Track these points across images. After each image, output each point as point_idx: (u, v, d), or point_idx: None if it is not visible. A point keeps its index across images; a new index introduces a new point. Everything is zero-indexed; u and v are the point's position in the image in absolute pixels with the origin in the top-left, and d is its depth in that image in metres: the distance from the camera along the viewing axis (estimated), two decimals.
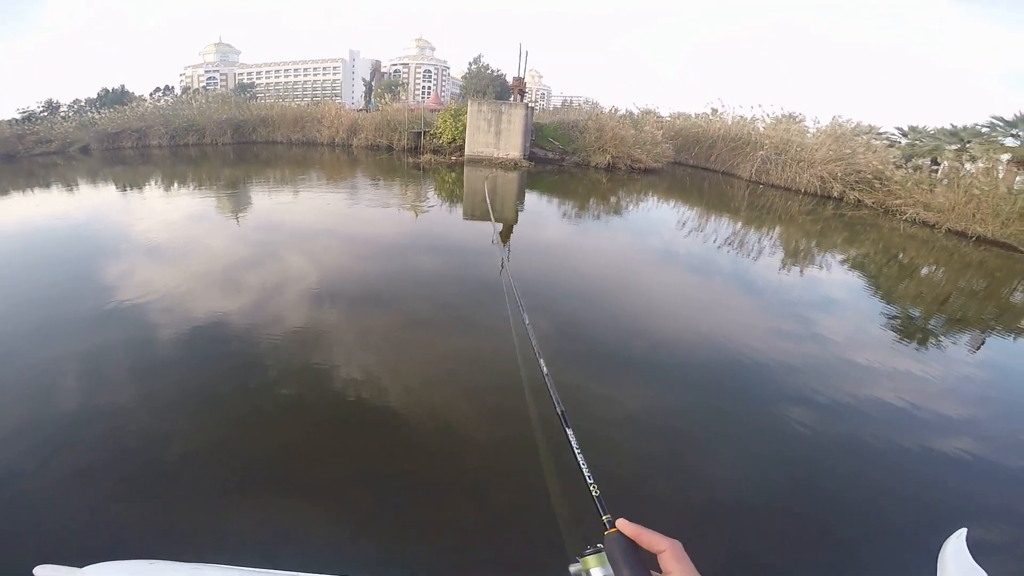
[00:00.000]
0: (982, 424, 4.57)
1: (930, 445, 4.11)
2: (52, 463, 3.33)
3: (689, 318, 6.68)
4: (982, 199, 12.37)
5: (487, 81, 38.49)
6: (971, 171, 14.42)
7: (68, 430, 3.65)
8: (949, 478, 3.77)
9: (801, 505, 3.42)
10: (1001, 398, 5.14)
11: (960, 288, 9.13)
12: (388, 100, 25.95)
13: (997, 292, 9.08)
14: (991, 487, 3.70)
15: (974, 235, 11.89)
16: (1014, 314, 7.97)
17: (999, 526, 3.30)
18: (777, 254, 10.34)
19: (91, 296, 5.95)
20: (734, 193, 17.25)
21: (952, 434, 4.31)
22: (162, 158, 18.40)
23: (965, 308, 8.09)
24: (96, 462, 3.36)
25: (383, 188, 13.70)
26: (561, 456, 3.80)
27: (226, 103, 25.13)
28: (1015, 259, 10.63)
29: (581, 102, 29.71)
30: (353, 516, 3.07)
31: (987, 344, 6.59)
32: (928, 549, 1.58)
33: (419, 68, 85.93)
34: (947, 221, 12.63)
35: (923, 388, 5.14)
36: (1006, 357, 6.31)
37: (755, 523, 3.25)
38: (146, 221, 9.44)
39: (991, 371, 5.75)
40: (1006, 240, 11.36)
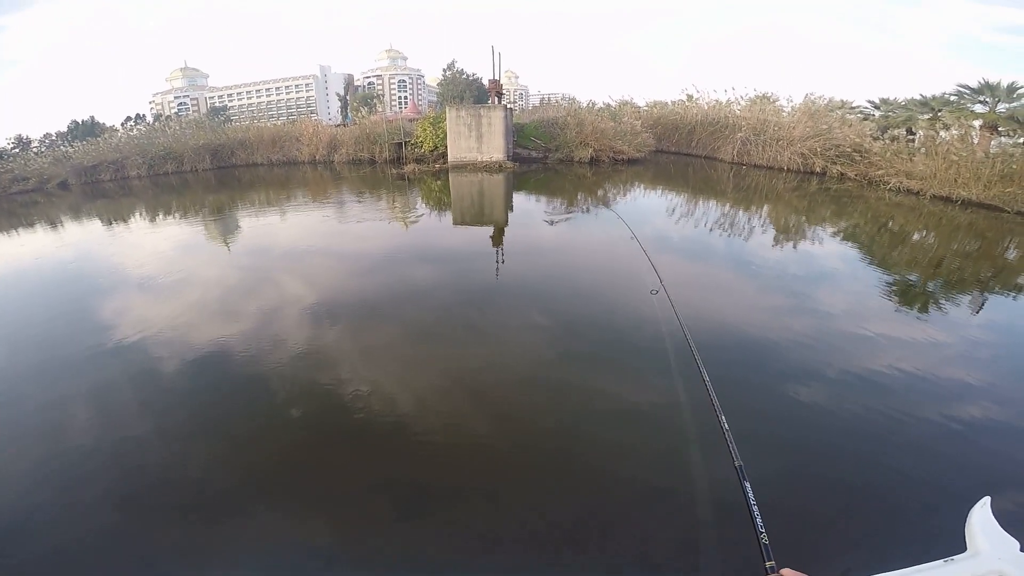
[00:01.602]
0: (997, 388, 4.55)
1: (948, 413, 4.10)
2: (75, 497, 3.32)
3: (688, 303, 6.70)
4: (961, 164, 12.60)
5: (463, 86, 38.43)
6: (946, 138, 14.68)
7: (86, 466, 3.63)
8: (969, 446, 3.73)
9: (820, 484, 3.40)
10: (1012, 358, 5.14)
11: (953, 251, 9.26)
12: (365, 113, 25.79)
13: (990, 252, 9.22)
14: (1013, 453, 3.65)
15: (959, 199, 12.09)
16: (1010, 272, 8.07)
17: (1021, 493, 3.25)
18: (769, 232, 10.43)
19: (91, 335, 5.85)
20: (719, 176, 17.40)
21: (968, 400, 4.30)
22: (143, 189, 18.15)
23: (961, 270, 8.19)
24: (118, 494, 3.35)
25: (370, 202, 13.61)
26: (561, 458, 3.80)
27: (201, 128, 24.80)
28: (1003, 219, 10.81)
29: (559, 98, 29.70)
30: (369, 529, 3.06)
31: (989, 304, 6.65)
32: (953, 520, 1.57)
33: (393, 79, 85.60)
34: (930, 188, 12.84)
35: (933, 354, 5.16)
36: (1009, 316, 6.35)
37: (776, 505, 3.24)
38: (136, 255, 9.29)
39: (997, 332, 5.78)
40: (991, 202, 11.56)
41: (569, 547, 2.91)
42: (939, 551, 1.69)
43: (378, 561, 2.83)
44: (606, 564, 2.86)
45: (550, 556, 2.85)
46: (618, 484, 3.44)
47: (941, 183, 12.71)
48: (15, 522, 3.17)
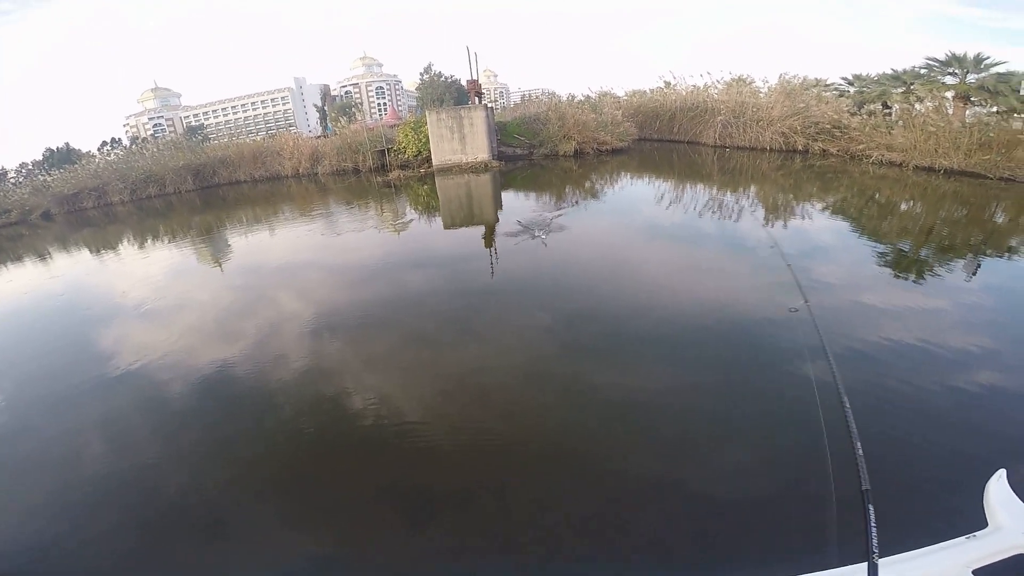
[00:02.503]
0: (1000, 354, 4.58)
1: (953, 383, 4.12)
2: (95, 526, 3.33)
3: (687, 288, 6.76)
4: (940, 135, 12.79)
5: (442, 88, 38.30)
6: (922, 110, 14.91)
7: (103, 494, 3.64)
8: (978, 416, 3.73)
9: (833, 462, 3.34)
10: (1012, 322, 5.20)
11: (942, 218, 9.41)
12: (345, 123, 25.66)
13: (978, 217, 9.37)
14: (1020, 419, 3.65)
15: (941, 168, 12.27)
16: (1000, 236, 8.20)
17: None
18: (758, 211, 10.52)
19: (91, 365, 5.81)
20: (703, 160, 17.52)
21: (973, 368, 4.33)
22: (128, 214, 17.92)
23: (952, 236, 8.31)
24: (137, 520, 3.35)
25: (358, 211, 13.55)
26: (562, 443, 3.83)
27: (179, 149, 24.53)
28: (986, 186, 10.97)
29: (539, 94, 29.71)
30: (382, 538, 3.07)
31: (983, 268, 6.74)
32: (970, 495, 1.60)
33: (370, 86, 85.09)
34: (912, 159, 13.00)
35: (933, 323, 5.22)
36: (1004, 279, 6.45)
37: (791, 482, 3.27)
38: (128, 282, 9.19)
39: (994, 295, 5.86)
40: (972, 169, 11.74)
41: (577, 544, 2.92)
42: (961, 527, 1.71)
43: (392, 569, 2.84)
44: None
45: (563, 554, 2.86)
46: (626, 477, 3.49)
47: (922, 154, 12.87)
48: (39, 552, 3.17)
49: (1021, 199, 9.92)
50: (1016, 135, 11.66)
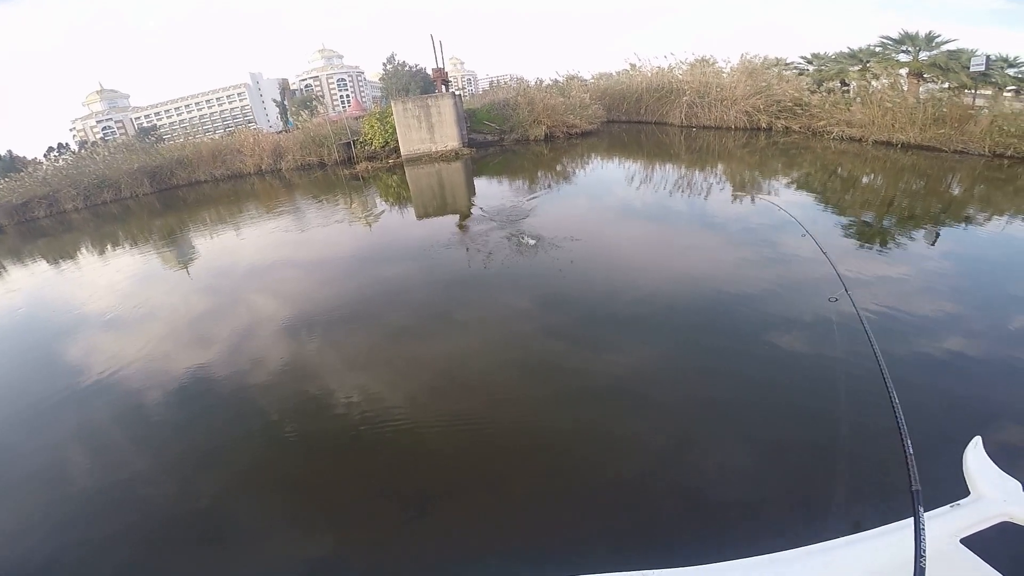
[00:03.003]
0: (966, 319, 4.77)
1: (923, 350, 4.26)
2: (88, 543, 3.23)
3: (662, 266, 6.86)
4: (896, 111, 13.31)
5: (407, 78, 37.45)
6: (878, 87, 15.42)
7: (93, 510, 3.53)
8: (950, 383, 3.84)
9: (808, 433, 3.46)
10: (974, 288, 5.44)
11: (902, 190, 9.79)
12: (307, 117, 24.86)
13: (936, 188, 9.78)
14: (992, 386, 3.78)
15: (898, 143, 12.76)
16: (957, 206, 8.57)
17: (1010, 426, 3.33)
18: (726, 189, 10.74)
19: (64, 378, 5.54)
20: (671, 140, 17.73)
21: (942, 335, 4.49)
22: (84, 222, 17.01)
23: (912, 207, 8.68)
24: (130, 534, 3.26)
25: (327, 206, 13.20)
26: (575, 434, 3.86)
27: (132, 151, 23.31)
28: (942, 158, 11.45)
29: (507, 80, 29.42)
30: (380, 538, 3.05)
31: (942, 236, 7.05)
32: (947, 462, 1.64)
33: (331, 78, 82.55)
34: (871, 134, 13.49)
35: (899, 290, 5.40)
36: (963, 246, 6.75)
37: (772, 452, 3.34)
38: (92, 292, 8.74)
39: (955, 261, 6.12)
40: (928, 143, 12.25)
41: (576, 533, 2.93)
42: (944, 496, 1.74)
43: (394, 568, 2.82)
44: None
45: (561, 541, 2.87)
46: (618, 461, 3.53)
47: (880, 129, 13.37)
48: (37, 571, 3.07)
49: (974, 170, 10.37)
50: (967, 110, 12.21)
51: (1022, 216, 7.58)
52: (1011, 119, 10.97)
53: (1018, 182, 9.35)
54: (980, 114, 11.82)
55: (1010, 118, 11.03)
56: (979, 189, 9.42)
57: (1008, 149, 10.59)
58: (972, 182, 9.83)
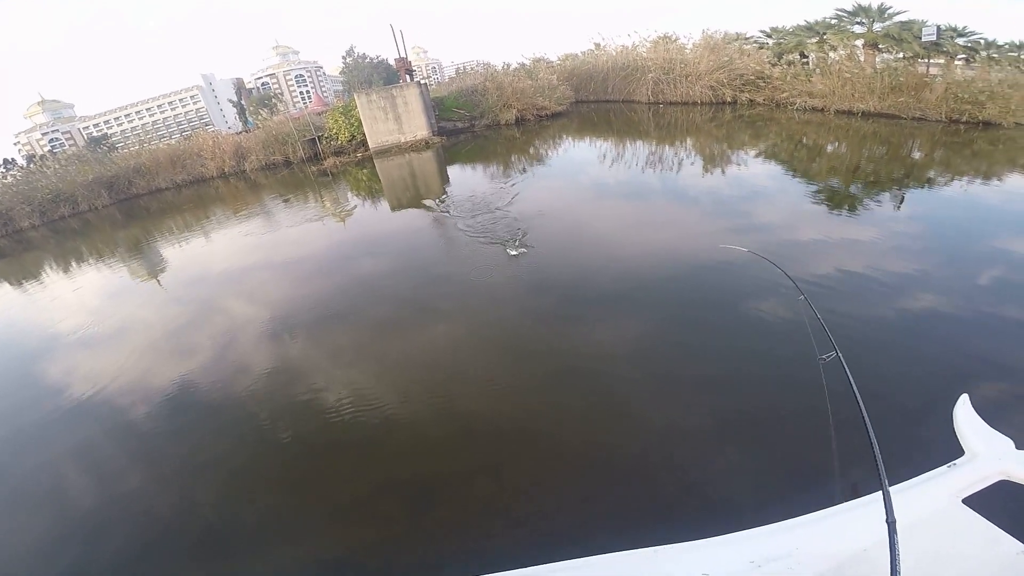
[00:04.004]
0: (936, 277, 4.96)
1: (901, 307, 4.40)
2: (92, 563, 3.16)
3: (640, 241, 6.94)
4: (855, 81, 13.69)
5: (369, 70, 36.50)
6: (836, 59, 15.79)
7: (94, 528, 3.45)
8: (926, 342, 3.95)
9: (794, 398, 3.51)
10: (941, 247, 5.65)
11: (865, 157, 10.08)
12: (266, 115, 24.09)
13: (897, 154, 10.11)
14: (969, 342, 3.90)
15: (859, 111, 13.14)
16: (919, 169, 8.89)
17: (994, 382, 3.41)
18: (697, 162, 10.89)
19: (45, 401, 5.34)
20: (639, 118, 17.84)
21: (915, 293, 4.66)
22: (43, 239, 16.17)
23: (876, 172, 8.95)
24: (133, 550, 3.21)
25: (297, 205, 12.88)
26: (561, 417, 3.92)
27: (84, 162, 22.20)
28: (901, 125, 11.84)
29: (474, 66, 28.98)
30: (384, 534, 3.05)
31: (907, 199, 7.32)
32: (936, 422, 1.68)
33: (288, 75, 79.81)
34: (832, 104, 13.88)
35: (871, 251, 5.59)
36: (927, 207, 7.03)
37: (759, 424, 3.39)
38: (63, 312, 8.35)
39: (922, 223, 6.36)
40: (887, 111, 12.66)
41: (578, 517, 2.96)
42: (938, 456, 1.80)
43: (402, 563, 2.83)
44: None
45: (563, 525, 2.91)
46: (614, 438, 3.59)
47: (841, 99, 13.77)
48: None
49: (934, 135, 10.75)
50: (922, 79, 12.63)
51: (982, 177, 7.89)
52: (964, 86, 11.40)
53: (975, 145, 9.73)
54: (935, 82, 12.22)
55: (963, 85, 11.46)
56: (939, 153, 9.78)
57: (963, 115, 11.01)
58: (932, 147, 10.21)
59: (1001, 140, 9.80)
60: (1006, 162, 8.69)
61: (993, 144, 9.63)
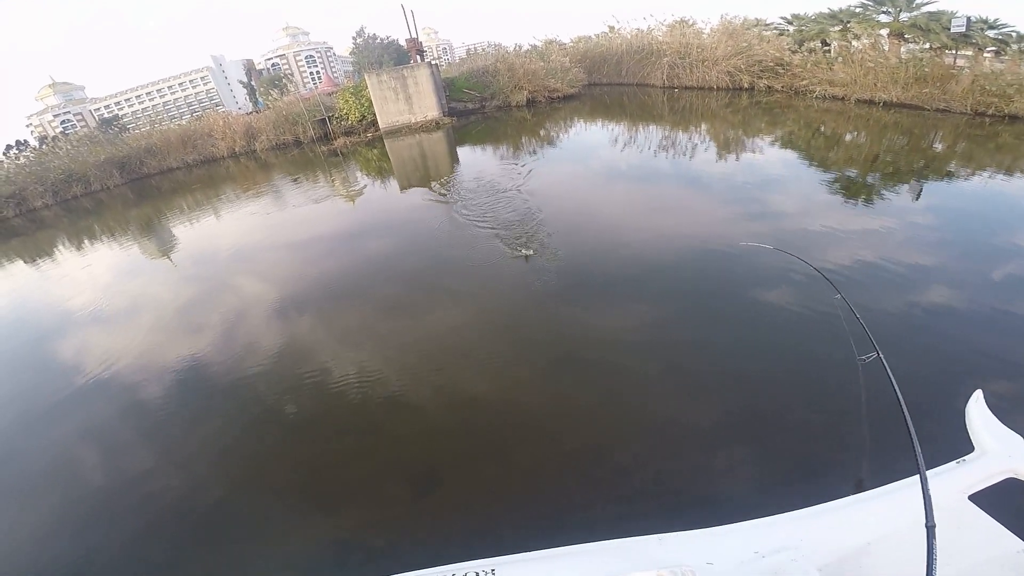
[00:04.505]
0: (951, 269, 4.83)
1: (914, 301, 4.29)
2: (110, 541, 3.21)
3: (652, 225, 6.84)
4: (878, 70, 13.29)
5: (379, 51, 36.13)
6: (859, 47, 15.31)
7: (109, 507, 3.49)
8: (941, 337, 3.85)
9: (807, 396, 3.47)
10: (957, 239, 5.50)
11: (885, 147, 9.80)
12: (277, 96, 24.01)
13: (918, 145, 9.81)
14: (983, 336, 3.80)
15: (880, 101, 12.77)
16: (940, 161, 8.63)
17: (1008, 379, 3.33)
18: (711, 148, 10.68)
19: (61, 379, 5.39)
20: (653, 101, 17.51)
21: (929, 285, 4.54)
22: (57, 218, 16.35)
23: (896, 163, 8.71)
24: (146, 528, 3.25)
25: (307, 184, 12.85)
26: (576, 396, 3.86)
27: (96, 143, 22.31)
28: (924, 116, 11.47)
29: (484, 47, 28.60)
30: (393, 515, 3.05)
31: (925, 191, 7.11)
32: (947, 417, 1.63)
33: (299, 55, 79.31)
34: (853, 93, 13.50)
35: (886, 242, 5.45)
36: (945, 199, 6.83)
37: (775, 414, 3.36)
38: (77, 289, 8.43)
39: (938, 215, 6.19)
40: (910, 102, 12.28)
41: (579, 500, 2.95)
42: (948, 452, 1.75)
43: (409, 543, 2.83)
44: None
45: (571, 505, 2.90)
46: (619, 420, 3.55)
47: (862, 88, 13.39)
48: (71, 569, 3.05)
49: (957, 128, 10.41)
50: (949, 70, 12.21)
51: (1005, 171, 7.63)
52: (992, 79, 11.05)
53: (1000, 139, 9.43)
54: (961, 74, 11.83)
55: (991, 78, 11.11)
56: (962, 146, 9.48)
57: (989, 108, 10.69)
58: (955, 139, 9.90)
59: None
60: None
61: (1019, 138, 9.32)
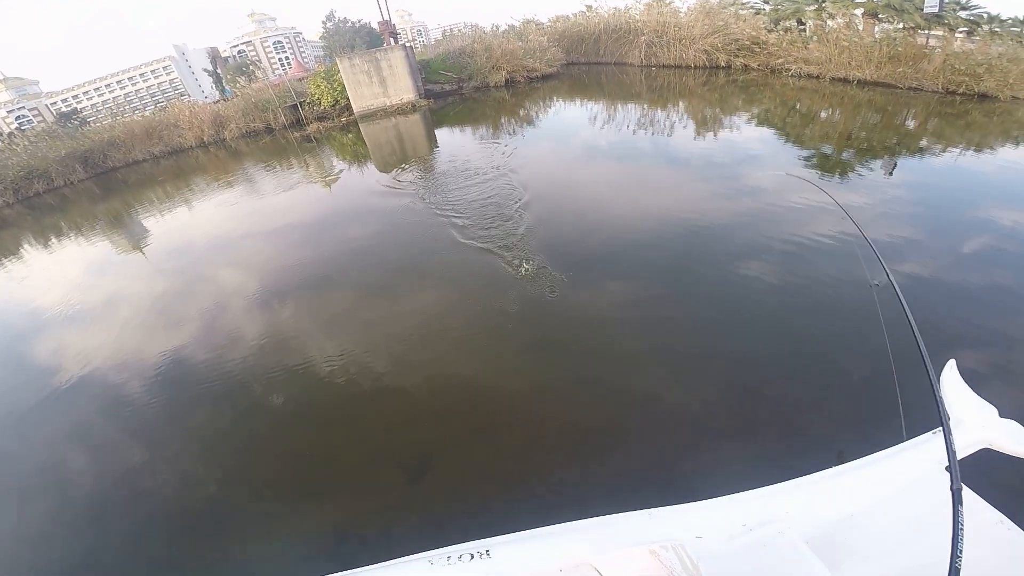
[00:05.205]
0: (923, 244, 4.91)
1: (885, 276, 4.31)
2: (106, 544, 3.16)
3: (630, 202, 6.84)
4: (852, 49, 13.45)
5: (350, 34, 34.99)
6: (834, 27, 15.44)
7: (102, 509, 3.41)
8: (914, 308, 3.76)
9: (782, 366, 3.52)
10: (930, 214, 5.62)
11: (859, 124, 9.96)
12: (245, 83, 23.21)
13: (891, 123, 9.97)
14: (953, 307, 3.90)
15: (855, 79, 12.95)
16: (913, 138, 8.78)
17: (979, 350, 3.41)
18: (689, 126, 10.70)
19: (38, 381, 5.19)
20: (631, 80, 17.44)
21: (901, 259, 4.61)
22: (19, 216, 15.63)
23: (869, 139, 8.85)
24: (140, 528, 3.20)
25: (281, 171, 12.48)
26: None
27: (55, 137, 21.33)
28: (897, 94, 11.67)
29: (461, 27, 28.01)
30: (386, 501, 3.04)
31: (899, 167, 7.24)
32: (925, 386, 1.65)
33: (266, 42, 76.66)
34: (828, 71, 13.68)
35: (859, 217, 5.45)
36: (918, 175, 6.96)
37: (762, 383, 3.39)
38: (47, 288, 8.07)
39: (912, 190, 6.31)
40: (884, 80, 12.48)
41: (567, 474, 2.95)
42: (923, 423, 1.75)
43: (403, 528, 2.82)
44: None
45: (563, 485, 2.90)
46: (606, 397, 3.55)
47: (837, 66, 13.56)
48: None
49: (929, 106, 10.63)
50: (921, 50, 12.42)
51: (975, 147, 7.80)
52: (963, 58, 11.30)
53: (969, 117, 9.64)
54: (933, 53, 12.04)
55: (962, 57, 11.35)
56: (933, 123, 9.68)
57: (960, 87, 10.93)
58: (926, 117, 10.10)
59: (996, 112, 9.71)
60: (1000, 134, 8.61)
61: (988, 116, 9.55)
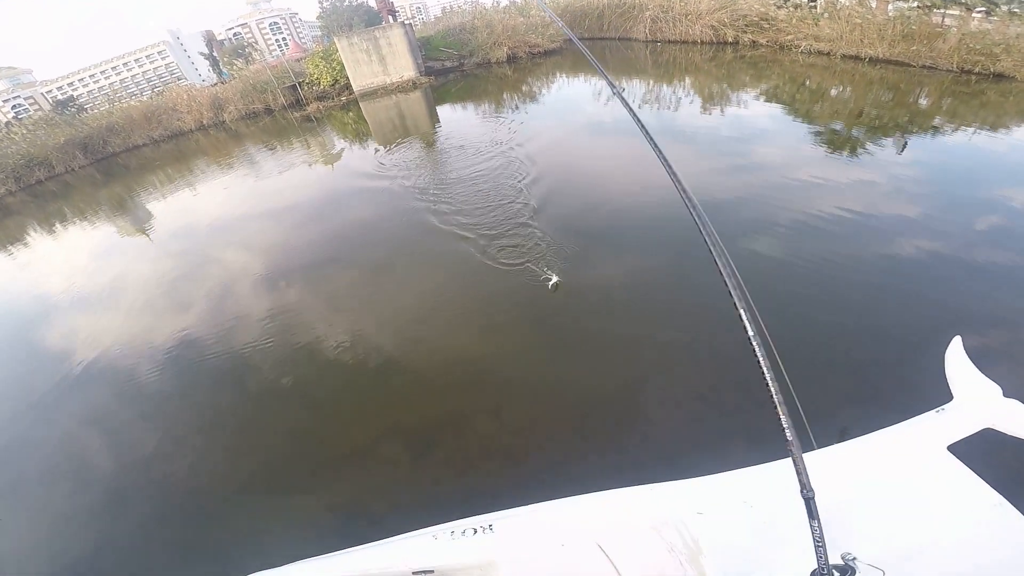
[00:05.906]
0: (934, 220, 4.81)
1: (896, 252, 4.29)
2: (126, 526, 3.19)
3: (636, 179, 6.71)
4: (865, 26, 13.02)
5: (349, 14, 34.31)
6: (846, 4, 14.97)
7: (122, 491, 3.46)
8: (924, 284, 3.87)
9: (790, 339, 3.40)
10: (941, 191, 5.49)
11: (870, 102, 9.71)
12: (242, 65, 22.88)
13: (904, 101, 9.71)
14: (964, 284, 3.83)
15: (866, 57, 12.57)
16: (925, 116, 8.56)
17: (986, 328, 3.33)
18: (695, 102, 10.49)
19: (51, 366, 5.23)
20: (636, 56, 17.10)
21: (912, 236, 4.53)
22: (23, 204, 15.64)
23: (881, 117, 8.63)
24: (159, 509, 3.24)
25: (282, 152, 12.37)
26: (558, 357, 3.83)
27: (53, 125, 21.20)
28: (910, 72, 11.34)
29: (461, 4, 27.47)
30: (394, 479, 3.05)
31: (910, 145, 7.06)
32: (926, 365, 1.59)
33: (262, 23, 75.30)
34: (839, 48, 13.28)
35: (870, 193, 5.42)
36: (929, 153, 6.78)
37: (744, 373, 3.26)
38: (54, 275, 8.08)
39: (922, 168, 6.16)
40: (897, 58, 12.09)
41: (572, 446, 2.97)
42: (928, 400, 1.73)
43: (409, 504, 2.84)
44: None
45: (564, 460, 2.91)
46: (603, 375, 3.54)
47: (848, 44, 13.16)
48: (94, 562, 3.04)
49: (943, 84, 10.33)
50: (936, 28, 12.01)
51: (989, 127, 7.57)
52: (979, 38, 10.96)
53: (984, 96, 9.36)
54: (949, 32, 11.68)
55: (978, 36, 11.02)
56: (948, 102, 9.41)
57: (976, 66, 10.60)
58: (941, 95, 9.82)
59: (1012, 93, 9.41)
60: (1016, 113, 8.36)
61: (1004, 96, 9.27)
